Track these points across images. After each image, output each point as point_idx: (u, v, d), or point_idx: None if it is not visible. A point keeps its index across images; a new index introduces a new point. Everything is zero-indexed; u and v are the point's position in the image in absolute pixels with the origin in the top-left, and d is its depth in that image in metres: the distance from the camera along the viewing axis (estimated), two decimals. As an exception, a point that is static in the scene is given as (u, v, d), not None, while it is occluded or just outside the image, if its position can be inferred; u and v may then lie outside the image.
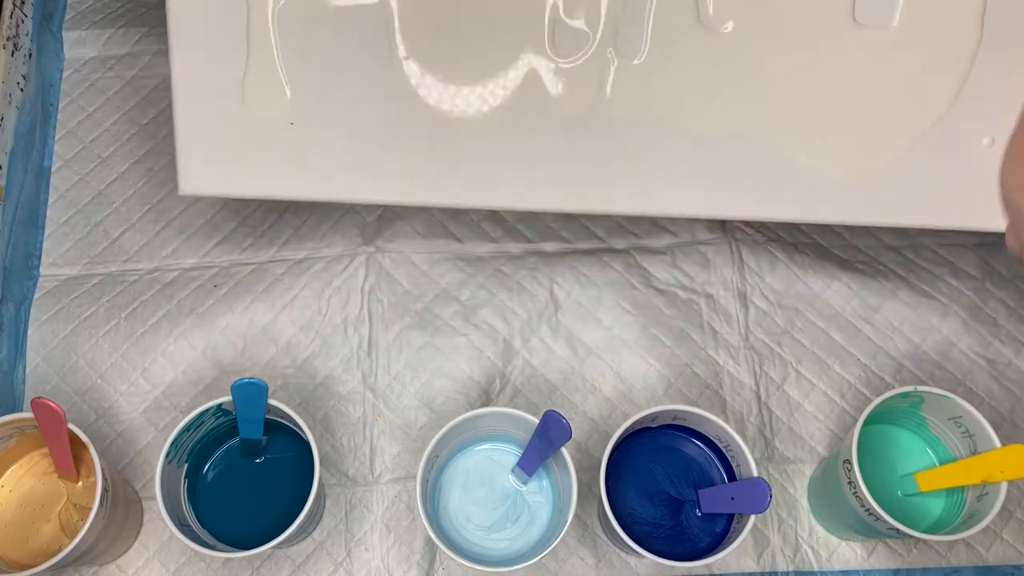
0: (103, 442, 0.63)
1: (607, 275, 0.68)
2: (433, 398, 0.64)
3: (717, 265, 0.69)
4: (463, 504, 0.57)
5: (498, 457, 0.58)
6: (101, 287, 0.67)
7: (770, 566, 0.60)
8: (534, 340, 0.66)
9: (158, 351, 0.65)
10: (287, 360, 0.65)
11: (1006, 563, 0.61)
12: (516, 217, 0.71)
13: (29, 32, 0.72)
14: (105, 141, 0.73)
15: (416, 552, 0.60)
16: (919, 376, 0.66)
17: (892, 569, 0.61)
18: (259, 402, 0.54)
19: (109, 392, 0.64)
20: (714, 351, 0.66)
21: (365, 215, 0.70)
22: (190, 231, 0.70)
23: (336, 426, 0.64)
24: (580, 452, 0.63)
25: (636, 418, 0.53)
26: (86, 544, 0.51)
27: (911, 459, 0.58)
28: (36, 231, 0.69)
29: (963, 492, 0.54)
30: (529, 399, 0.65)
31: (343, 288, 0.67)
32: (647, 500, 0.57)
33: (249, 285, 0.67)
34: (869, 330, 0.67)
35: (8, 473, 0.57)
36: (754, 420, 0.64)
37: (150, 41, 0.76)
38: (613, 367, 0.66)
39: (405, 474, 0.62)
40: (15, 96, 0.69)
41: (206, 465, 0.58)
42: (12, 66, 0.69)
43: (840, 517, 0.58)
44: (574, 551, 0.61)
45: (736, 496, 0.53)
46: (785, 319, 0.67)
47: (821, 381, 0.66)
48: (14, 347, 0.65)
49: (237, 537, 0.55)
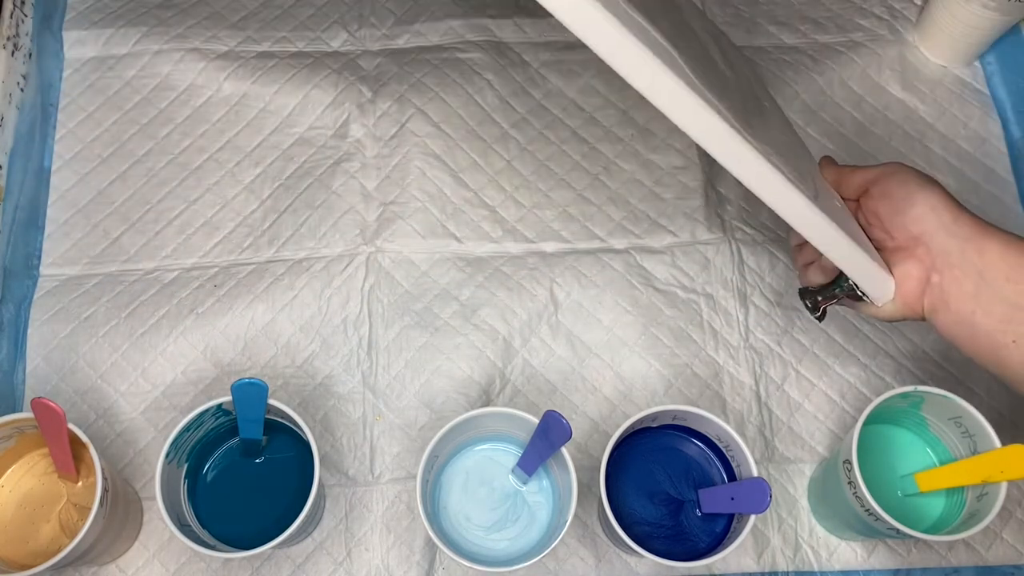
0: (103, 442, 0.63)
1: (607, 275, 0.68)
2: (433, 398, 0.64)
3: (717, 265, 0.69)
4: (463, 504, 0.57)
5: (498, 457, 0.58)
6: (101, 287, 0.67)
7: (770, 566, 0.60)
8: (534, 340, 0.66)
9: (158, 351, 0.65)
10: (287, 360, 0.65)
11: (1006, 563, 0.61)
12: (516, 217, 0.71)
13: (29, 32, 0.72)
14: (105, 141, 0.73)
15: (416, 552, 0.60)
16: (919, 376, 0.66)
17: (892, 569, 0.61)
18: (259, 402, 0.54)
19: (109, 392, 0.64)
20: (714, 351, 0.66)
21: (365, 215, 0.70)
22: (190, 231, 0.70)
23: (336, 426, 0.64)
24: (580, 452, 0.63)
25: (636, 418, 0.53)
26: (86, 544, 0.51)
27: (911, 459, 0.58)
28: (36, 231, 0.69)
29: (963, 492, 0.54)
30: (529, 399, 0.65)
31: (343, 288, 0.67)
32: (647, 500, 0.57)
33: (249, 285, 0.67)
34: (869, 330, 0.67)
35: (8, 473, 0.57)
36: (754, 420, 0.64)
37: (150, 41, 0.76)
38: (613, 367, 0.66)
39: (405, 474, 0.62)
40: (15, 96, 0.69)
41: (206, 465, 0.58)
42: (12, 66, 0.69)
43: (840, 517, 0.58)
44: (574, 551, 0.61)
45: (736, 496, 0.53)
46: (785, 319, 0.67)
47: (821, 381, 0.66)
48: (14, 347, 0.65)
49: (237, 537, 0.55)
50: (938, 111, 0.76)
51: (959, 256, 0.47)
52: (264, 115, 0.74)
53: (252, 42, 0.77)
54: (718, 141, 0.41)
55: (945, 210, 0.48)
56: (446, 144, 0.73)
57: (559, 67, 0.77)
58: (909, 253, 0.49)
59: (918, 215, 0.48)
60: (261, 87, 0.75)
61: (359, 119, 0.74)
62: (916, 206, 0.49)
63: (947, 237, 0.48)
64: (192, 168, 0.72)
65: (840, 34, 0.79)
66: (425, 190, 0.71)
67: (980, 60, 0.78)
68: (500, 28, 0.79)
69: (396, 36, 0.78)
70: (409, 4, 0.80)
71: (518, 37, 0.79)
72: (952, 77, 0.77)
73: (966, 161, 0.74)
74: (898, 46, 0.78)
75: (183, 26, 0.77)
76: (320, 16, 0.79)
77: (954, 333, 0.49)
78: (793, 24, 0.80)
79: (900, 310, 0.50)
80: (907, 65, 0.78)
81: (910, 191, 0.49)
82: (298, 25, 0.79)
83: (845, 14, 0.80)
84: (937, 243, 0.48)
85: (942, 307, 0.48)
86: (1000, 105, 0.76)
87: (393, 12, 0.79)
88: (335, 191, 0.71)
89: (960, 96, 0.77)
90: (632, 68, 0.37)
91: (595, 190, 0.72)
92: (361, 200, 0.71)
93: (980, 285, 0.47)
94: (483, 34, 0.79)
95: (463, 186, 0.71)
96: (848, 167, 0.54)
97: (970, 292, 0.47)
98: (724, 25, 0.79)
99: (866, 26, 0.79)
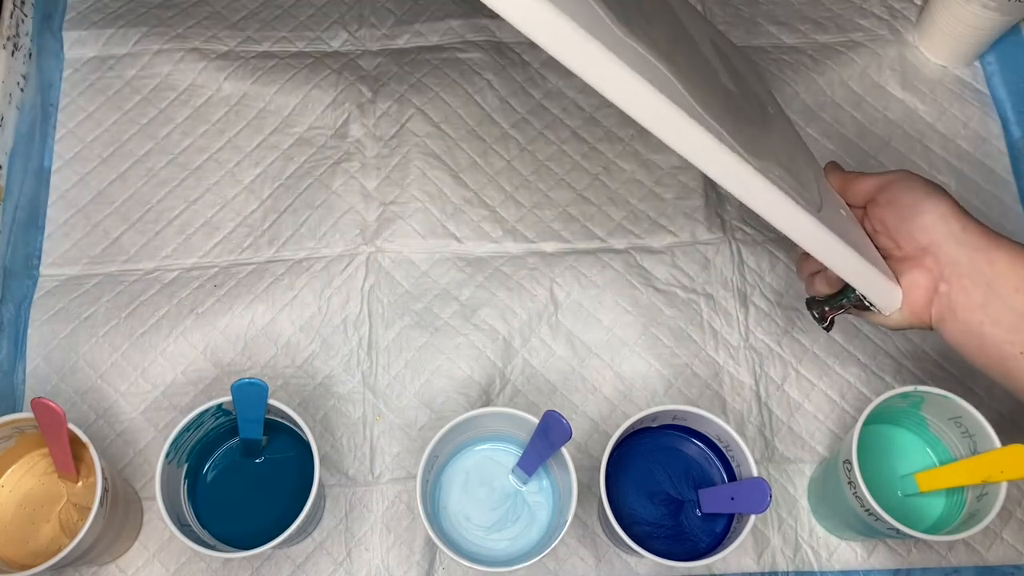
0: (103, 442, 0.63)
1: (607, 275, 0.68)
2: (433, 398, 0.64)
3: (717, 265, 0.69)
4: (463, 504, 0.57)
5: (498, 457, 0.58)
6: (101, 287, 0.67)
7: (770, 566, 0.60)
8: (534, 340, 0.66)
9: (158, 351, 0.65)
10: (287, 360, 0.65)
11: (1006, 563, 0.61)
12: (516, 217, 0.71)
13: (29, 32, 0.72)
14: (105, 141, 0.73)
15: (416, 552, 0.60)
16: (919, 376, 0.66)
17: (892, 569, 0.61)
18: (259, 402, 0.54)
19: (109, 392, 0.64)
20: (714, 351, 0.66)
21: (365, 215, 0.70)
22: (190, 231, 0.70)
23: (336, 426, 0.64)
24: (580, 452, 0.63)
25: (636, 418, 0.53)
26: (86, 544, 0.51)
27: (911, 459, 0.58)
28: (36, 231, 0.69)
29: (963, 492, 0.54)
30: (529, 399, 0.65)
31: (343, 288, 0.67)
32: (647, 500, 0.57)
33: (249, 285, 0.67)
34: (869, 330, 0.67)
35: (8, 473, 0.57)
36: (754, 420, 0.64)
37: (150, 41, 0.76)
38: (613, 367, 0.66)
39: (405, 474, 0.62)
40: (15, 96, 0.69)
41: (206, 465, 0.58)
42: (12, 66, 0.69)
43: (840, 517, 0.58)
44: (574, 551, 0.61)
45: (736, 496, 0.53)
46: (785, 319, 0.67)
47: (821, 381, 0.66)
48: (14, 347, 0.65)
49: (237, 537, 0.55)
50: (938, 111, 0.76)
51: (968, 266, 0.47)
52: (264, 115, 0.74)
53: (252, 42, 0.78)
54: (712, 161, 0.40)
55: (954, 219, 0.48)
56: (446, 144, 0.73)
57: (559, 67, 0.76)
58: (916, 263, 0.49)
59: (926, 224, 0.48)
60: (261, 87, 0.75)
61: (359, 119, 0.74)
62: (924, 215, 0.48)
63: (956, 246, 0.47)
64: (192, 168, 0.72)
65: (840, 34, 0.79)
66: (425, 190, 0.71)
67: (980, 60, 0.78)
68: (500, 28, 0.79)
69: (396, 36, 0.78)
70: (409, 4, 0.80)
71: (518, 37, 0.79)
72: (952, 77, 0.77)
73: (966, 161, 0.74)
74: (898, 46, 0.78)
75: (183, 26, 0.77)
76: (320, 16, 0.79)
77: (961, 343, 0.49)
78: (793, 24, 0.80)
79: (907, 319, 0.50)
80: (907, 65, 0.78)
81: (917, 199, 0.49)
82: (298, 25, 0.79)
83: (845, 14, 0.80)
84: (945, 253, 0.48)
85: (950, 316, 0.48)
86: (1000, 105, 0.76)
87: (393, 12, 0.80)
88: (335, 191, 0.71)
89: (960, 96, 0.77)
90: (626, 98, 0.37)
91: (595, 190, 0.72)
92: (361, 200, 0.71)
93: (989, 295, 0.47)
94: (483, 34, 0.79)
95: (463, 186, 0.71)
96: (854, 173, 0.54)
97: (978, 302, 0.47)
98: (724, 25, 0.79)
99: (866, 26, 0.79)
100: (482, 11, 0.79)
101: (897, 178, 0.51)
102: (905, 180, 0.50)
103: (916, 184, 0.50)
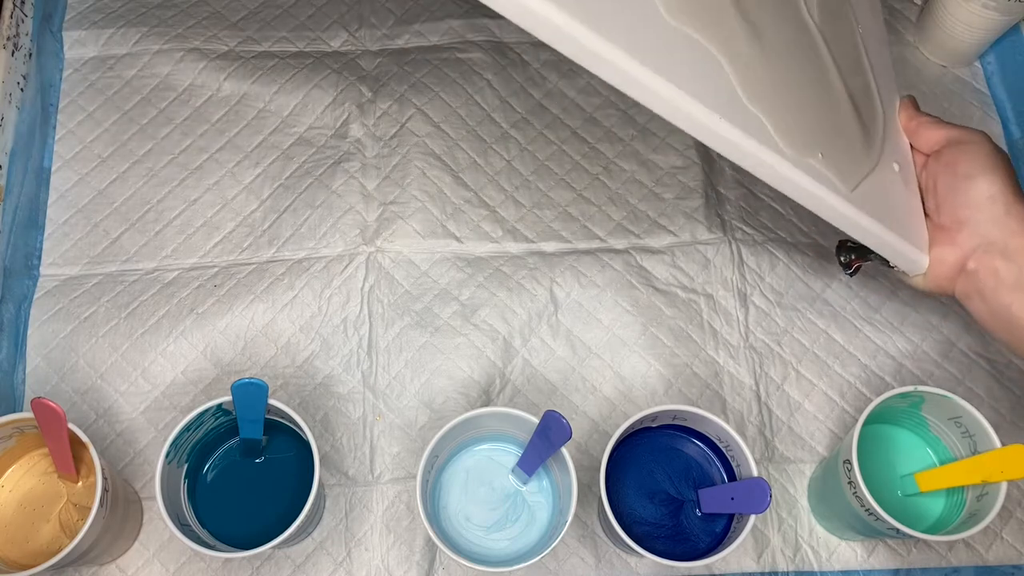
0: (103, 442, 0.63)
1: (607, 275, 0.68)
2: (433, 398, 0.64)
3: (717, 265, 0.69)
4: (463, 504, 0.57)
5: (498, 457, 0.58)
6: (101, 287, 0.67)
7: (770, 566, 0.60)
8: (534, 340, 0.66)
9: (158, 351, 0.65)
10: (287, 360, 0.65)
11: (1006, 563, 0.61)
12: (516, 217, 0.71)
13: (29, 32, 0.72)
14: (105, 141, 0.73)
15: (416, 552, 0.60)
16: (919, 376, 0.66)
17: (892, 569, 0.61)
18: (259, 402, 0.54)
19: (109, 392, 0.64)
20: (714, 351, 0.66)
21: (365, 215, 0.70)
22: (190, 231, 0.70)
23: (336, 426, 0.64)
24: (580, 452, 0.63)
25: (636, 418, 0.53)
26: (86, 544, 0.51)
27: (911, 459, 0.58)
28: (36, 231, 0.69)
29: (963, 492, 0.54)
30: (529, 399, 0.65)
31: (343, 288, 0.67)
32: (647, 500, 0.57)
33: (249, 285, 0.67)
34: (869, 330, 0.67)
35: (8, 473, 0.57)
36: (754, 420, 0.64)
37: (150, 41, 0.76)
38: (613, 367, 0.66)
39: (405, 474, 0.62)
40: (15, 96, 0.69)
41: (206, 465, 0.58)
42: (12, 66, 0.69)
43: (840, 517, 0.58)
44: (574, 551, 0.61)
45: (736, 496, 0.53)
46: (785, 319, 0.67)
47: (821, 381, 0.66)
48: (14, 347, 0.65)
49: (237, 537, 0.55)
50: (938, 111, 0.76)
51: (1002, 248, 0.47)
52: (264, 115, 0.74)
53: (252, 42, 0.78)
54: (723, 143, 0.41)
55: (1001, 201, 0.48)
56: (446, 144, 0.73)
57: (559, 67, 0.77)
58: (950, 238, 0.49)
59: (970, 201, 0.48)
60: (261, 87, 0.75)
61: (359, 119, 0.74)
62: (972, 191, 0.48)
63: (993, 227, 0.48)
64: (192, 168, 0.72)
65: (840, 34, 0.79)
66: (425, 190, 0.71)
67: (980, 60, 0.78)
68: (500, 28, 0.79)
69: (396, 36, 0.78)
70: (409, 4, 0.80)
71: (518, 37, 0.79)
72: (952, 77, 0.77)
73: (966, 161, 0.74)
74: (898, 46, 0.78)
75: (183, 26, 0.77)
76: (320, 16, 0.79)
77: (989, 322, 0.49)
78: (793, 24, 0.79)
79: (930, 287, 0.51)
80: (907, 65, 0.78)
81: (973, 171, 0.49)
82: (298, 25, 0.79)
83: (845, 14, 0.80)
84: (982, 232, 0.48)
85: (976, 296, 0.49)
86: (1000, 105, 0.76)
87: (393, 12, 0.80)
88: (335, 191, 0.71)
89: (960, 96, 0.77)
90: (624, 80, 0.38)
91: (595, 190, 0.72)
92: (361, 200, 0.71)
93: (1021, 278, 0.47)
94: (483, 34, 0.79)
95: (463, 186, 0.71)
96: (928, 119, 0.53)
97: (1010, 284, 0.47)
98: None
99: (866, 26, 0.79)
100: (482, 11, 0.79)
101: (967, 139, 0.50)
102: (972, 145, 0.50)
103: (980, 153, 0.49)
